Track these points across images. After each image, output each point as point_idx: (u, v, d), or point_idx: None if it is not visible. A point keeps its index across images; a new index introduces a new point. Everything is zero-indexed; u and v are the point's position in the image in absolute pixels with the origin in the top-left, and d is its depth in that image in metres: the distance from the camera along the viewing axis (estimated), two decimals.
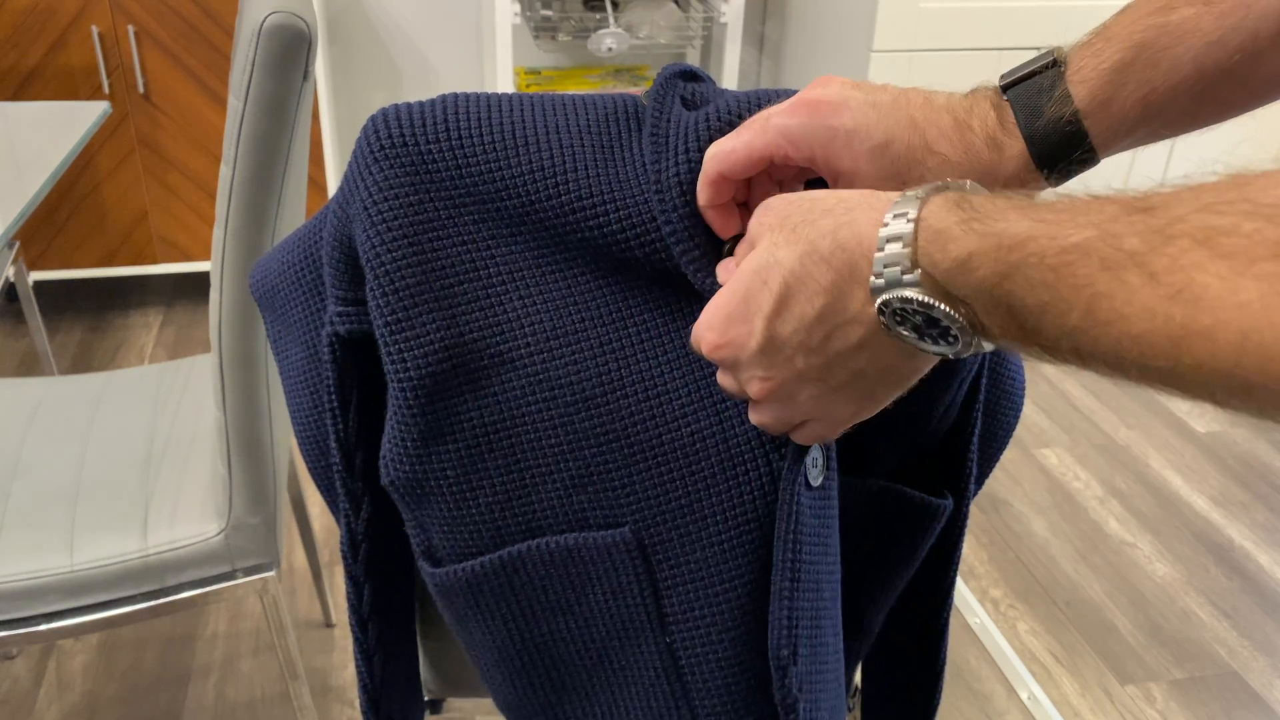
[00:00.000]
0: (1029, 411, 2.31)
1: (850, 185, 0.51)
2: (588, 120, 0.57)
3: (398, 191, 0.55)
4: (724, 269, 0.53)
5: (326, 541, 1.80)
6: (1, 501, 1.18)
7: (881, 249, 0.41)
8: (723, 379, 0.52)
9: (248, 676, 1.59)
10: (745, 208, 0.55)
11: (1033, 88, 0.50)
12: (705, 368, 0.57)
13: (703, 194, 0.53)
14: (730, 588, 0.59)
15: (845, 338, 0.45)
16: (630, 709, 0.64)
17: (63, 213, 2.33)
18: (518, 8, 2.41)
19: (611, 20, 2.53)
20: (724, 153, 0.52)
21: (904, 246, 0.40)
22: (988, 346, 0.41)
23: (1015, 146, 0.50)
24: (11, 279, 1.84)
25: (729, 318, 0.48)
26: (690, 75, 0.59)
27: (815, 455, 0.56)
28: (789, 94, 0.58)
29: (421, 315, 0.56)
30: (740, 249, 0.52)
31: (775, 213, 0.47)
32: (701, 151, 0.54)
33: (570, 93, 0.59)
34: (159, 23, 2.20)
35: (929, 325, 0.41)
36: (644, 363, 0.57)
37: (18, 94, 2.21)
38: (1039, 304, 0.36)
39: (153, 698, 1.55)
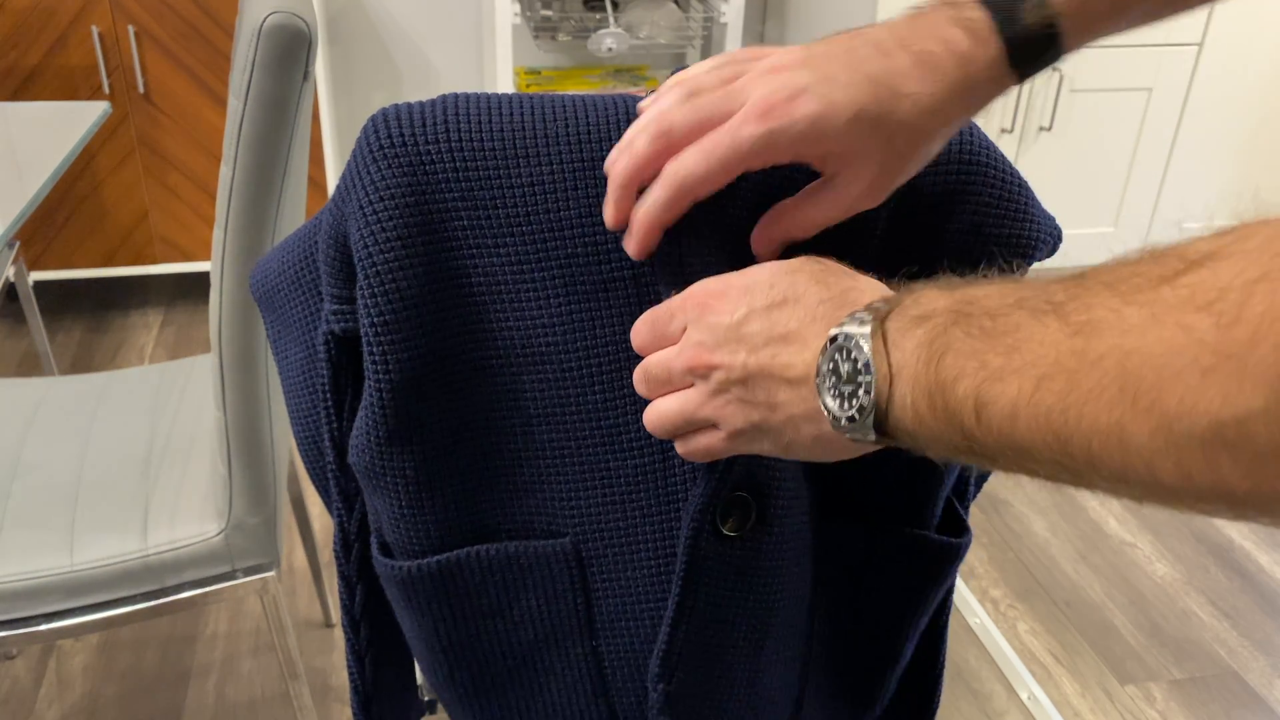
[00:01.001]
0: None
1: (836, 163, 0.52)
2: (588, 126, 0.57)
3: (394, 192, 0.55)
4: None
5: (326, 541, 1.80)
6: (1, 501, 1.18)
7: (867, 308, 0.45)
8: (648, 348, 0.54)
9: (248, 676, 1.59)
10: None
11: None
12: None
13: (665, 215, 0.53)
14: (655, 605, 0.63)
15: (783, 370, 0.48)
16: (550, 703, 0.68)
17: (63, 213, 2.33)
18: (518, 8, 2.41)
19: (611, 20, 2.53)
20: (694, 179, 0.51)
21: (886, 305, 0.44)
22: (870, 436, 0.44)
23: (987, 54, 0.51)
24: (11, 279, 1.84)
25: (734, 289, 0.50)
26: None
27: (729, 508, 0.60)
28: None
29: (408, 319, 0.56)
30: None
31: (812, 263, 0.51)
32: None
33: (570, 93, 0.59)
34: (159, 23, 2.20)
35: (848, 379, 0.44)
36: (604, 391, 0.59)
37: (18, 94, 2.21)
38: (969, 351, 0.39)
39: (153, 698, 1.55)
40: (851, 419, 0.44)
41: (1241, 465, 0.31)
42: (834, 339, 0.45)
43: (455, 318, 0.58)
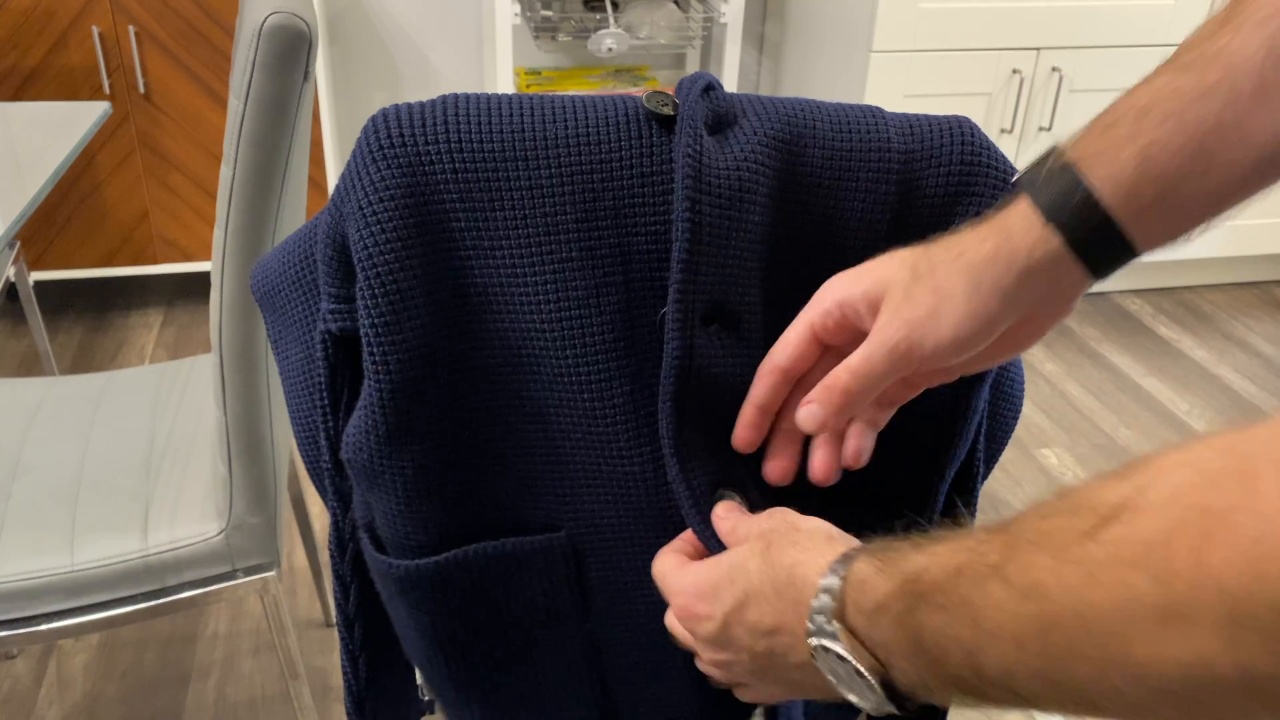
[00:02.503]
0: (1029, 411, 2.31)
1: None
2: (587, 129, 0.57)
3: (393, 193, 0.55)
4: (716, 518, 0.59)
5: (326, 541, 1.80)
6: (2, 502, 1.18)
7: (817, 598, 0.46)
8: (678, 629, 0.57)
9: (248, 676, 1.59)
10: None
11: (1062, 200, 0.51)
12: (649, 422, 0.60)
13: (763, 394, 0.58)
14: (646, 590, 0.64)
15: (786, 656, 0.50)
16: (546, 685, 0.69)
17: (63, 213, 2.33)
18: (518, 8, 2.41)
19: (611, 20, 2.53)
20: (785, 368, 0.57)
21: (832, 600, 0.45)
22: (900, 711, 0.45)
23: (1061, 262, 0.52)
24: (12, 279, 1.84)
25: (699, 594, 0.54)
26: (707, 88, 0.59)
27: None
28: (804, 102, 0.59)
29: (408, 319, 0.56)
30: (729, 517, 0.57)
31: (764, 525, 0.54)
32: (735, 194, 0.56)
33: (571, 94, 0.59)
34: (159, 23, 2.20)
35: (847, 681, 0.45)
36: (593, 399, 0.60)
37: (18, 94, 2.21)
38: (938, 627, 0.40)
39: (153, 697, 1.55)
40: (876, 706, 0.45)
41: (1226, 702, 0.32)
42: (814, 652, 0.46)
43: (454, 318, 0.58)
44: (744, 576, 0.51)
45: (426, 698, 0.80)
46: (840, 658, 0.45)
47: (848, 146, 0.59)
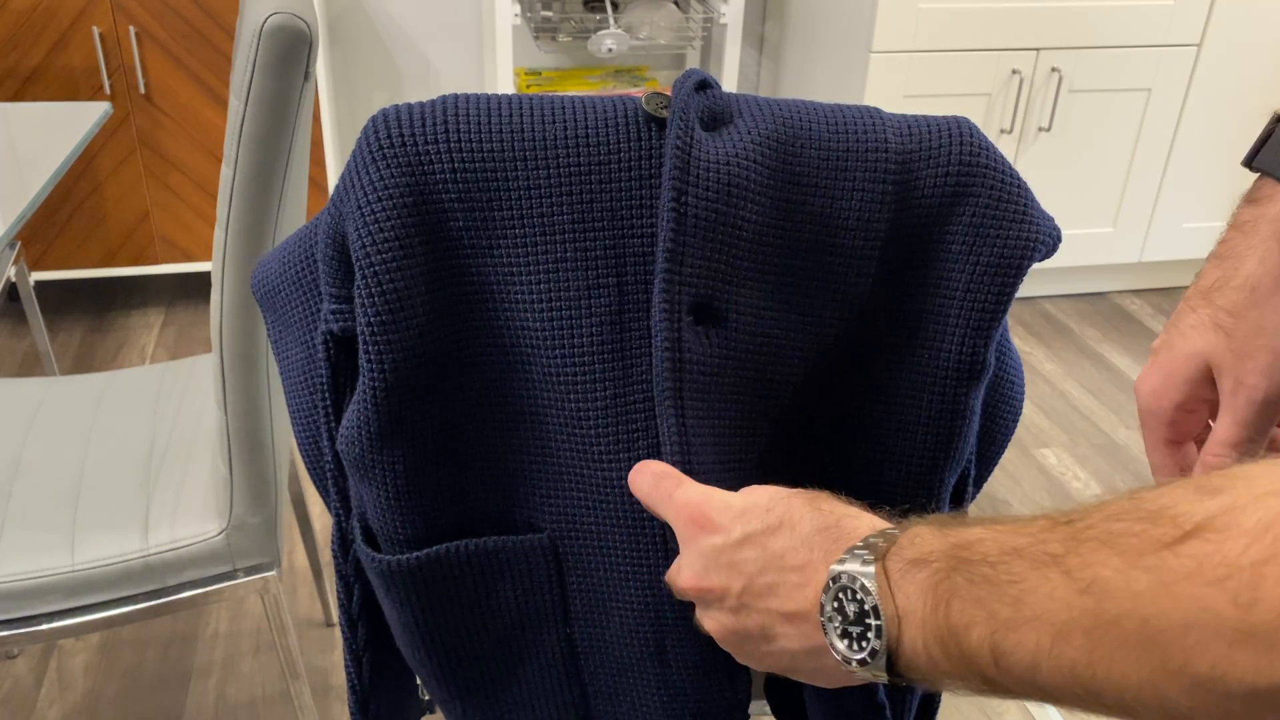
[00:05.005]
0: (1028, 411, 2.31)
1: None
2: (585, 131, 0.57)
3: (393, 193, 0.56)
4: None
5: (327, 541, 1.80)
6: (2, 501, 1.18)
7: (866, 539, 0.46)
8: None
9: (248, 676, 1.59)
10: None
11: None
12: (632, 425, 0.60)
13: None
14: (626, 599, 0.65)
15: (783, 598, 0.48)
16: (525, 685, 0.70)
17: (64, 213, 2.33)
18: (518, 8, 2.41)
19: (611, 21, 2.53)
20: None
21: (882, 542, 0.45)
22: (884, 678, 0.44)
23: None
24: (13, 279, 1.84)
25: (723, 507, 0.52)
26: (701, 84, 0.59)
27: None
28: (801, 102, 0.59)
29: (405, 319, 0.57)
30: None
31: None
32: (723, 188, 0.56)
33: (571, 95, 0.59)
34: (160, 23, 2.20)
35: (855, 620, 0.44)
36: (579, 400, 0.60)
37: (19, 94, 2.21)
38: (974, 597, 0.40)
39: (154, 697, 1.55)
40: (863, 661, 0.44)
41: None
42: (836, 577, 0.45)
43: (450, 317, 0.58)
44: (784, 507, 0.50)
45: (427, 697, 0.81)
46: (854, 593, 0.44)
47: (844, 147, 0.59)
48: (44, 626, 1.11)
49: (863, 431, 0.64)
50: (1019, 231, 0.59)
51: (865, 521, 0.48)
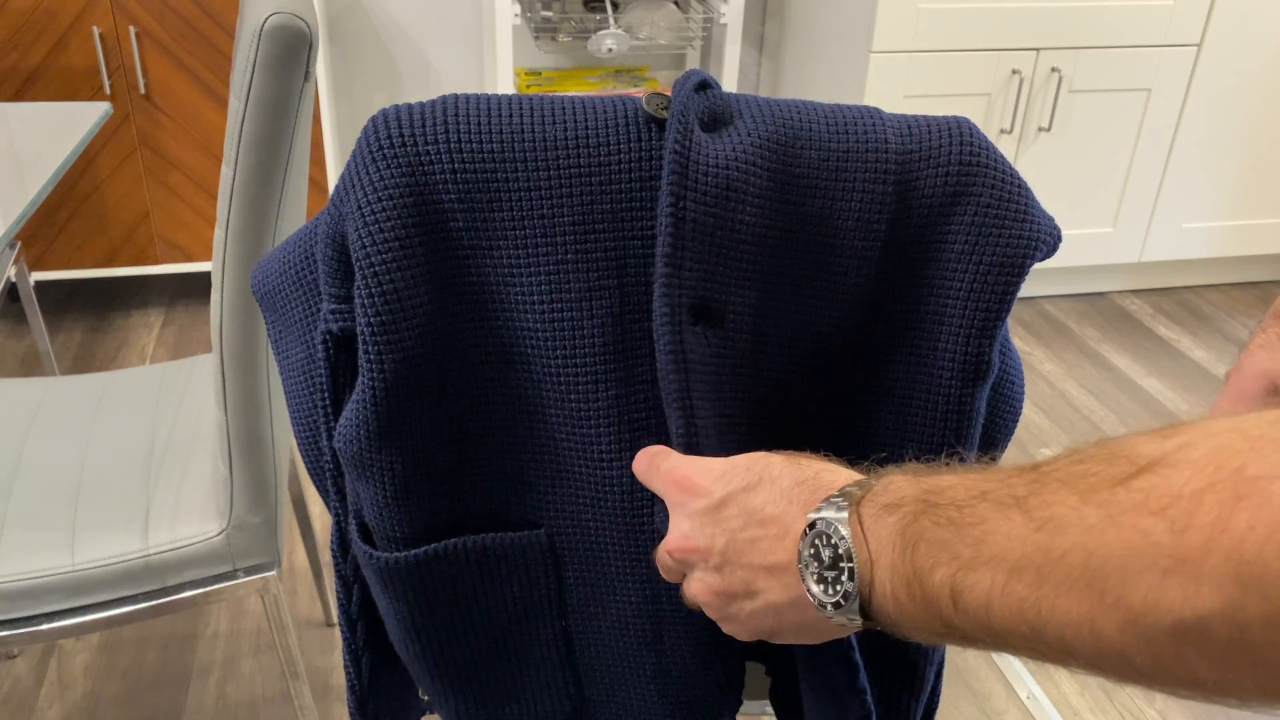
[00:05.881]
0: (1028, 411, 2.31)
1: None
2: (586, 131, 0.57)
3: (392, 193, 0.56)
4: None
5: (327, 541, 1.80)
6: (3, 501, 1.18)
7: (841, 489, 0.47)
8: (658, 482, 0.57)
9: (249, 676, 1.59)
10: None
11: None
12: (635, 424, 0.61)
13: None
14: (624, 592, 0.66)
15: (764, 553, 0.49)
16: (519, 677, 0.71)
17: (64, 213, 2.33)
18: (518, 8, 2.41)
19: (611, 21, 2.53)
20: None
21: (857, 490, 0.46)
22: (857, 621, 0.45)
23: None
24: (13, 279, 1.84)
25: (705, 470, 0.54)
26: (701, 84, 0.59)
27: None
28: (801, 103, 0.60)
29: (404, 319, 0.57)
30: None
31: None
32: (722, 192, 0.56)
33: (571, 95, 0.59)
34: (160, 23, 2.20)
35: (830, 565, 0.45)
36: (579, 400, 0.61)
37: (19, 94, 2.21)
38: (939, 539, 0.41)
39: (154, 697, 1.55)
40: (837, 604, 0.45)
41: (1207, 659, 0.33)
42: (813, 524, 0.46)
43: (449, 317, 0.58)
44: (763, 465, 0.51)
45: (427, 697, 0.81)
46: (829, 539, 0.45)
47: (844, 147, 0.59)
48: (44, 626, 1.11)
49: (869, 432, 0.64)
50: (1020, 231, 0.59)
51: (843, 474, 0.49)
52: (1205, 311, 2.75)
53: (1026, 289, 2.77)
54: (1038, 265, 0.61)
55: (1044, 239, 0.60)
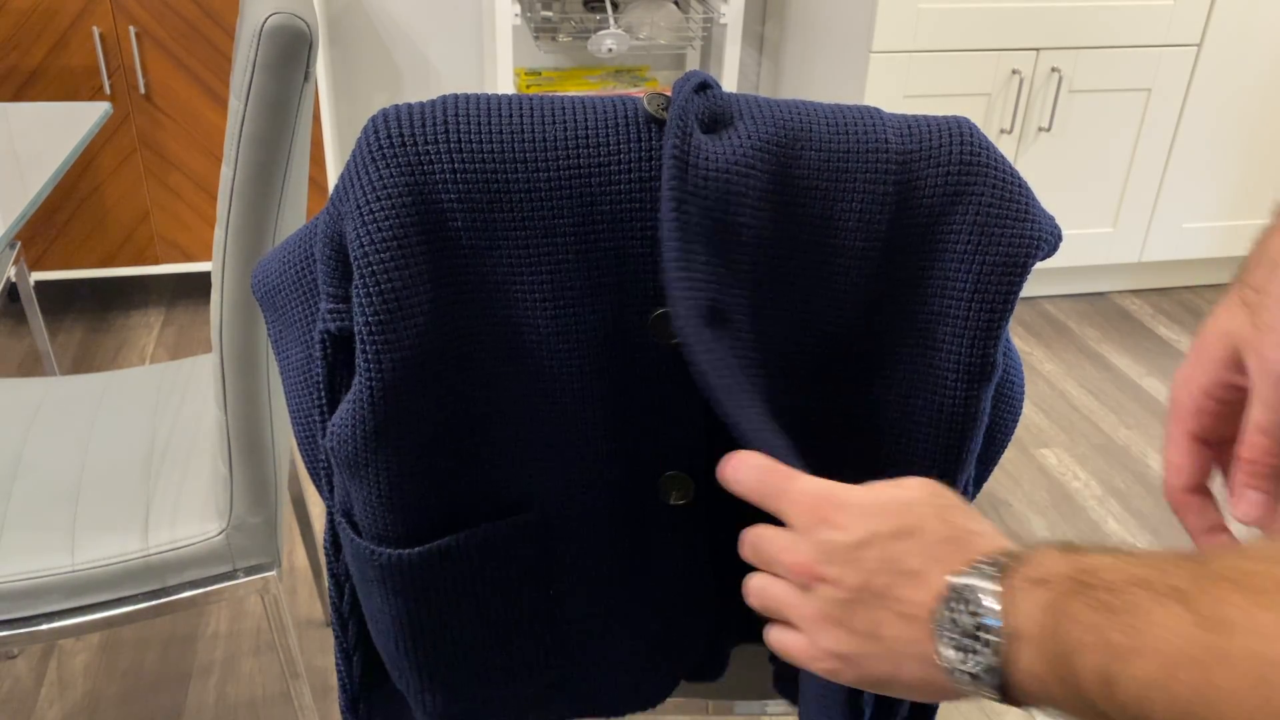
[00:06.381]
0: (1028, 411, 2.31)
1: None
2: (587, 132, 0.57)
3: (391, 193, 0.56)
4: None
5: None
6: (2, 501, 1.18)
7: (992, 555, 0.45)
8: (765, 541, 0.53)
9: (249, 676, 1.59)
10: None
11: None
12: (620, 422, 0.63)
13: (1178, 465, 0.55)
14: (607, 556, 0.69)
15: (896, 603, 0.47)
16: (507, 655, 0.72)
17: (64, 213, 2.33)
18: (518, 8, 2.41)
19: (611, 21, 2.53)
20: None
21: (1007, 559, 0.44)
22: (995, 696, 0.43)
23: None
24: (13, 279, 1.84)
25: (848, 505, 0.50)
26: (701, 86, 0.59)
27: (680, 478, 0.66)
28: (801, 104, 0.60)
29: (403, 319, 0.57)
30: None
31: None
32: (721, 196, 0.56)
33: (571, 95, 0.59)
34: (160, 23, 2.20)
35: (967, 633, 0.43)
36: (575, 397, 0.61)
37: (19, 94, 2.21)
38: (1090, 622, 0.39)
39: (154, 697, 1.55)
40: (974, 675, 0.43)
41: None
42: (956, 589, 0.45)
43: (448, 318, 0.58)
44: (915, 516, 0.49)
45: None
46: (970, 606, 0.43)
47: (844, 148, 0.59)
48: (44, 626, 1.11)
49: (876, 433, 0.64)
50: (1021, 230, 0.59)
51: (989, 537, 0.48)
52: (1205, 311, 2.75)
53: (1026, 289, 2.77)
54: (1038, 265, 0.61)
55: (1045, 238, 0.60)
